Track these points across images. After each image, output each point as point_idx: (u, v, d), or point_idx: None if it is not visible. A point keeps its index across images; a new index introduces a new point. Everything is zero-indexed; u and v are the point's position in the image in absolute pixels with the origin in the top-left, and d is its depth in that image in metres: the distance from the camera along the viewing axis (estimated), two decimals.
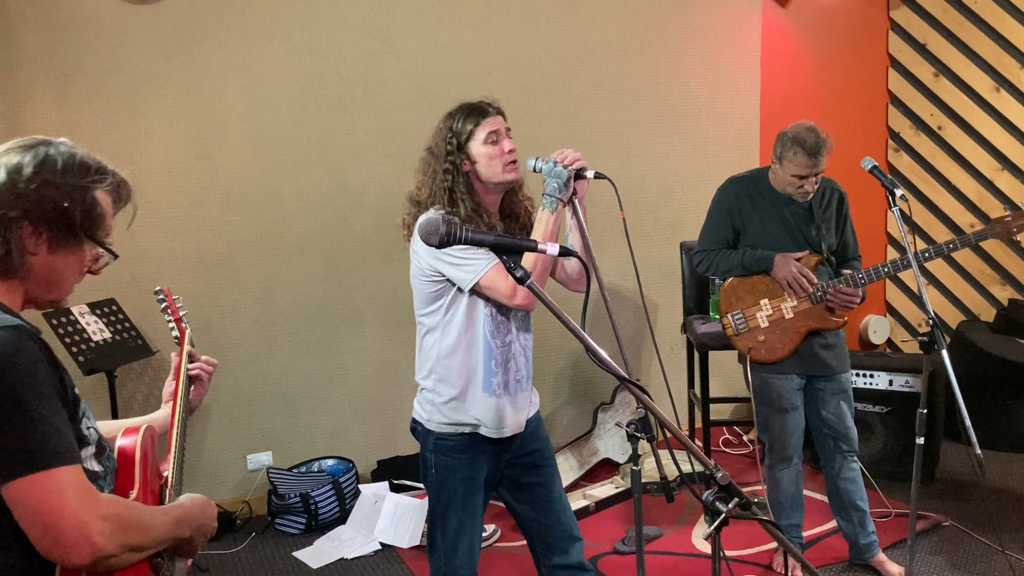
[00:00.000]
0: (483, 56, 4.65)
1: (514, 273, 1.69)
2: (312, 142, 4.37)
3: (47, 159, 1.47)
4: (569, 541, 2.59)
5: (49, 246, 1.47)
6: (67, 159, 1.49)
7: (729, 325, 3.46)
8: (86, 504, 1.33)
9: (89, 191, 1.50)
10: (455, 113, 2.45)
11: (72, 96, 3.92)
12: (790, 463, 3.50)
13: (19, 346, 1.34)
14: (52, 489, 1.31)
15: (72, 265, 1.53)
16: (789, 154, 3.25)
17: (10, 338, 1.34)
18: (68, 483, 1.33)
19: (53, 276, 1.50)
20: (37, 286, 1.50)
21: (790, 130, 3.29)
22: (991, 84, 5.39)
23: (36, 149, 1.48)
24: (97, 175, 1.52)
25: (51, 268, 1.49)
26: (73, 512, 1.31)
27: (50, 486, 1.31)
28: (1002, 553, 3.55)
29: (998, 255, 5.53)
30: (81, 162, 1.50)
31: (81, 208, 1.48)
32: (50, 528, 1.31)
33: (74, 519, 1.31)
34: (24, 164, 1.45)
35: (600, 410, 4.90)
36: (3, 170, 1.44)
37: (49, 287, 1.51)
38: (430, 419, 2.48)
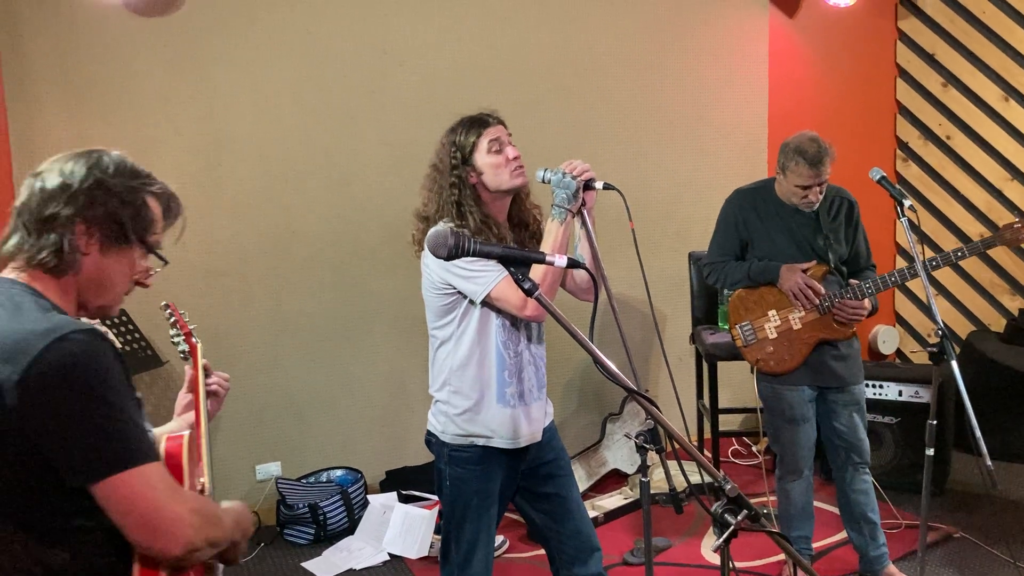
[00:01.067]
0: (490, 68, 4.67)
1: (522, 285, 1.70)
2: (319, 153, 4.39)
3: (99, 161, 1.53)
4: (589, 551, 2.59)
5: (100, 246, 1.52)
6: (118, 162, 1.55)
7: (738, 336, 3.46)
8: (176, 498, 1.39)
9: (140, 193, 1.56)
10: (456, 127, 2.48)
11: (82, 109, 3.94)
12: (800, 475, 3.48)
13: (99, 348, 1.39)
14: (146, 484, 1.37)
15: (122, 269, 1.56)
16: (791, 164, 3.25)
17: (90, 340, 1.38)
18: (158, 478, 1.39)
19: (103, 278, 1.54)
20: (88, 289, 1.53)
21: (792, 141, 3.30)
22: (1000, 94, 5.38)
23: (89, 154, 1.54)
24: (148, 180, 1.58)
25: (102, 270, 1.53)
26: (167, 505, 1.37)
27: (144, 481, 1.37)
28: (1014, 565, 3.53)
29: (1008, 265, 5.51)
30: (132, 166, 1.57)
31: (131, 209, 1.54)
32: (148, 521, 1.36)
33: (169, 512, 1.37)
34: (77, 167, 1.51)
35: (609, 421, 4.89)
36: (58, 175, 1.50)
37: (99, 291, 1.55)
38: (444, 431, 2.48)
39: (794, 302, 3.37)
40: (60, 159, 1.53)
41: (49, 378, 1.33)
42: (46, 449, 1.35)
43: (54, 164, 1.53)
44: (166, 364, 3.99)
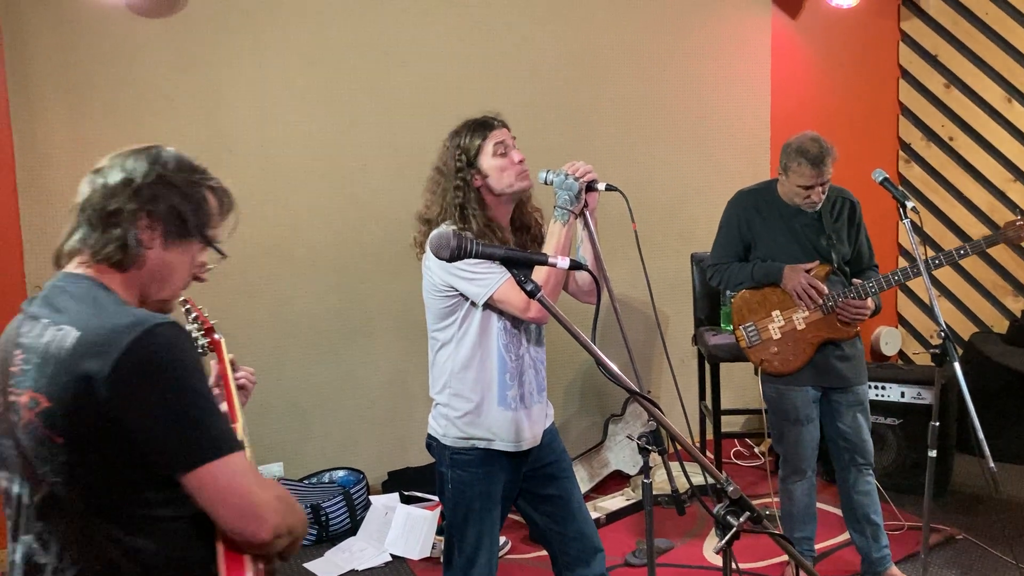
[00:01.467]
0: (492, 70, 4.67)
1: (525, 287, 1.70)
2: (322, 155, 4.39)
3: (159, 157, 1.57)
4: (591, 552, 2.59)
5: (163, 240, 1.54)
6: (178, 158, 1.59)
7: (742, 337, 3.46)
8: (262, 484, 1.44)
9: (200, 187, 1.59)
10: (461, 130, 2.48)
11: (85, 108, 3.95)
12: (804, 476, 3.48)
13: (182, 339, 1.43)
14: (237, 472, 1.41)
15: (184, 264, 1.60)
16: (793, 165, 3.26)
17: (174, 332, 1.42)
18: (246, 466, 1.43)
19: (165, 272, 1.57)
20: (150, 283, 1.56)
21: (794, 141, 3.30)
22: (1002, 95, 5.38)
23: (148, 151, 1.58)
24: (205, 175, 1.62)
25: (164, 264, 1.56)
26: (256, 492, 1.41)
27: (235, 469, 1.40)
28: (1016, 567, 3.53)
29: (1010, 266, 5.50)
30: (190, 162, 1.61)
31: (192, 204, 1.57)
32: (240, 508, 1.40)
33: (258, 498, 1.41)
34: (139, 163, 1.54)
35: (611, 422, 4.89)
36: (120, 171, 1.54)
37: (161, 284, 1.57)
38: (445, 434, 2.48)
39: (798, 302, 3.38)
40: (120, 156, 1.56)
41: (139, 370, 1.37)
42: (138, 440, 1.38)
43: (115, 160, 1.56)
44: None
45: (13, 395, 1.43)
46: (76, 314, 1.43)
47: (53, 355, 1.39)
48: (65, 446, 1.38)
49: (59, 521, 1.42)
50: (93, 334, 1.39)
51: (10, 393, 1.44)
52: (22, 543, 1.46)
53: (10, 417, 1.43)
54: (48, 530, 1.44)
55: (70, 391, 1.36)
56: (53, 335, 1.42)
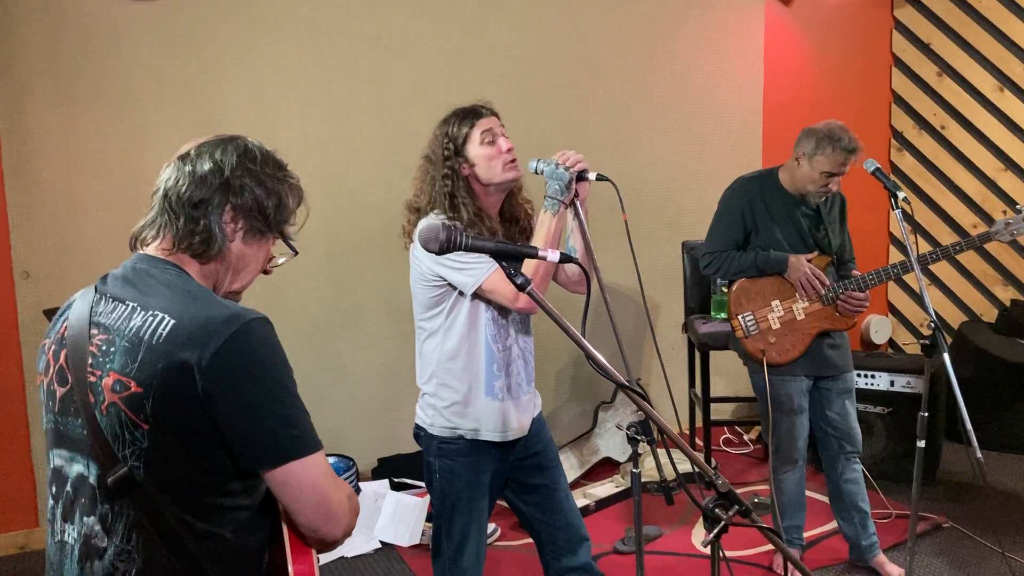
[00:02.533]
0: (484, 57, 4.64)
1: (514, 280, 1.69)
2: (314, 142, 4.36)
3: (248, 151, 1.56)
4: (578, 541, 2.60)
5: (244, 234, 1.55)
6: (264, 152, 1.59)
7: (739, 327, 3.44)
8: (338, 485, 1.47)
9: (283, 184, 1.59)
10: (449, 119, 2.46)
11: (72, 94, 3.91)
12: (796, 466, 3.49)
13: (274, 335, 1.45)
14: (319, 471, 1.44)
15: (259, 257, 1.61)
16: (827, 150, 3.22)
17: (266, 328, 1.44)
18: (326, 466, 1.46)
19: (241, 265, 1.58)
20: (225, 274, 1.57)
21: (821, 128, 3.28)
22: (995, 84, 5.38)
23: (236, 142, 1.57)
24: (287, 171, 1.62)
25: (242, 257, 1.57)
26: (333, 492, 1.45)
27: (317, 468, 1.43)
28: (1002, 555, 3.55)
29: (1001, 256, 5.52)
30: (275, 157, 1.61)
31: (275, 199, 1.57)
32: (320, 507, 1.43)
33: (336, 499, 1.45)
34: (228, 154, 1.54)
35: (601, 409, 4.90)
36: (209, 160, 1.53)
37: (235, 276, 1.59)
38: (432, 424, 2.48)
39: (801, 292, 3.38)
40: (208, 144, 1.56)
41: (237, 364, 1.38)
42: (228, 433, 1.39)
43: (203, 149, 1.55)
44: None
45: (92, 376, 1.43)
46: (170, 301, 1.43)
47: (146, 341, 1.39)
48: (151, 432, 1.38)
49: (130, 505, 1.42)
50: (190, 324, 1.39)
51: (89, 373, 1.43)
52: (81, 524, 1.46)
53: (86, 397, 1.42)
54: (116, 512, 1.43)
55: (164, 379, 1.37)
56: (145, 320, 1.42)
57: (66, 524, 1.48)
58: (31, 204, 3.87)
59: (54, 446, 1.51)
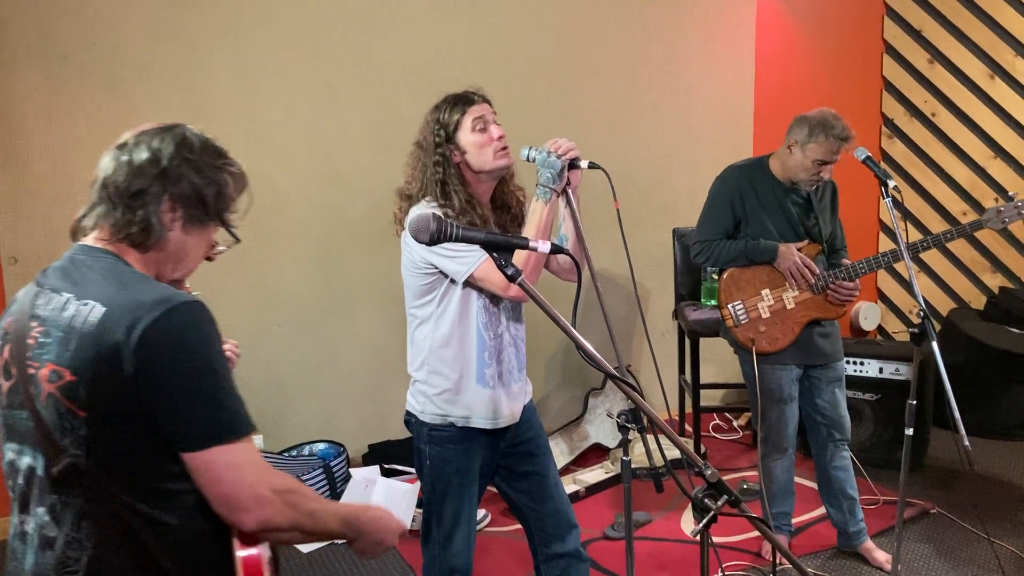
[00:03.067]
0: (475, 42, 4.62)
1: (505, 271, 1.68)
2: (303, 128, 4.34)
3: (186, 140, 1.55)
4: (567, 528, 2.61)
5: (184, 223, 1.55)
6: (203, 141, 1.58)
7: (729, 316, 3.45)
8: (261, 476, 1.43)
9: (222, 172, 1.59)
10: (441, 105, 2.44)
11: (60, 79, 3.88)
12: (785, 454, 3.51)
13: (206, 318, 1.44)
14: (237, 460, 1.42)
15: (200, 245, 1.61)
16: (820, 138, 3.22)
17: (199, 310, 1.44)
18: (249, 455, 1.44)
19: (182, 253, 1.58)
20: (167, 263, 1.57)
21: (813, 116, 3.27)
22: (985, 71, 5.38)
23: (174, 131, 1.56)
24: (227, 159, 1.61)
25: (182, 246, 1.57)
26: (251, 483, 1.42)
27: (235, 457, 1.42)
28: (988, 541, 3.58)
29: (989, 243, 5.54)
30: (214, 145, 1.60)
31: (215, 189, 1.57)
32: (230, 495, 1.41)
33: (251, 490, 1.41)
34: (165, 144, 1.53)
35: (591, 395, 4.91)
36: (146, 150, 1.52)
37: (176, 265, 1.59)
38: (423, 411, 2.48)
39: (791, 281, 3.38)
40: (146, 134, 1.55)
41: (163, 346, 1.38)
42: (158, 415, 1.39)
43: (140, 138, 1.54)
44: None
45: (32, 367, 1.44)
46: (101, 289, 1.44)
47: (78, 330, 1.40)
48: (87, 419, 1.39)
49: (77, 493, 1.43)
50: (119, 309, 1.40)
51: (28, 366, 1.44)
52: (35, 515, 1.47)
53: (28, 389, 1.44)
54: (62, 502, 1.44)
55: (95, 365, 1.38)
56: (78, 310, 1.42)
57: (24, 515, 1.50)
58: (18, 190, 3.84)
59: (5, 440, 1.52)
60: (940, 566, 3.56)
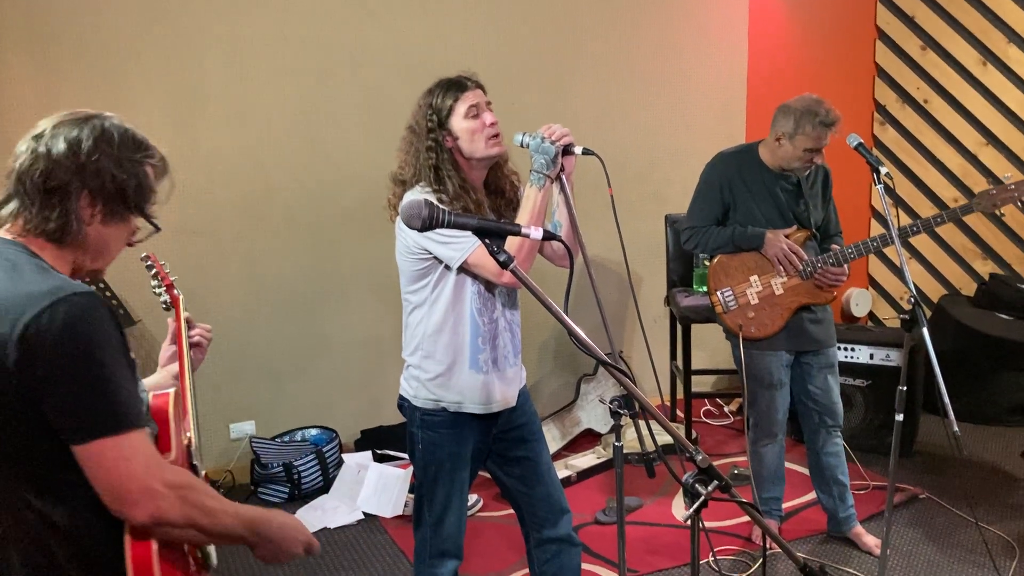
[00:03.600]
0: (468, 27, 4.60)
1: (497, 257, 1.68)
2: (295, 112, 4.32)
3: (104, 132, 1.51)
4: (559, 513, 2.62)
5: (103, 217, 1.52)
6: (122, 133, 1.54)
7: (718, 303, 3.46)
8: (151, 470, 1.40)
9: (142, 165, 1.56)
10: (434, 89, 2.43)
11: (50, 63, 3.85)
12: (775, 439, 3.53)
13: (97, 311, 1.40)
14: (124, 454, 1.38)
15: (120, 237, 1.58)
16: (807, 128, 3.22)
17: (89, 303, 1.39)
18: (138, 448, 1.40)
19: (102, 246, 1.55)
20: (85, 255, 1.54)
21: (797, 104, 3.27)
22: (978, 58, 5.39)
23: (92, 122, 1.51)
24: (147, 150, 1.58)
25: (102, 239, 1.54)
26: (139, 477, 1.38)
27: (123, 450, 1.38)
28: (976, 525, 3.61)
29: (980, 230, 5.56)
30: (133, 136, 1.56)
31: (135, 182, 1.54)
32: (118, 488, 1.38)
33: (141, 483, 1.38)
34: (83, 137, 1.49)
35: (583, 381, 4.92)
36: (63, 142, 1.48)
37: (96, 257, 1.56)
38: (416, 395, 2.48)
39: (778, 267, 3.39)
40: (63, 124, 1.51)
41: (48, 338, 1.35)
42: (44, 408, 1.37)
43: (58, 130, 1.50)
44: (138, 323, 3.96)
45: None
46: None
47: None
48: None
49: None
50: (8, 299, 1.38)
51: None
52: None
53: None
54: None
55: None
56: None
57: None
58: None
59: None
60: (929, 550, 3.59)
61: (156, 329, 4.13)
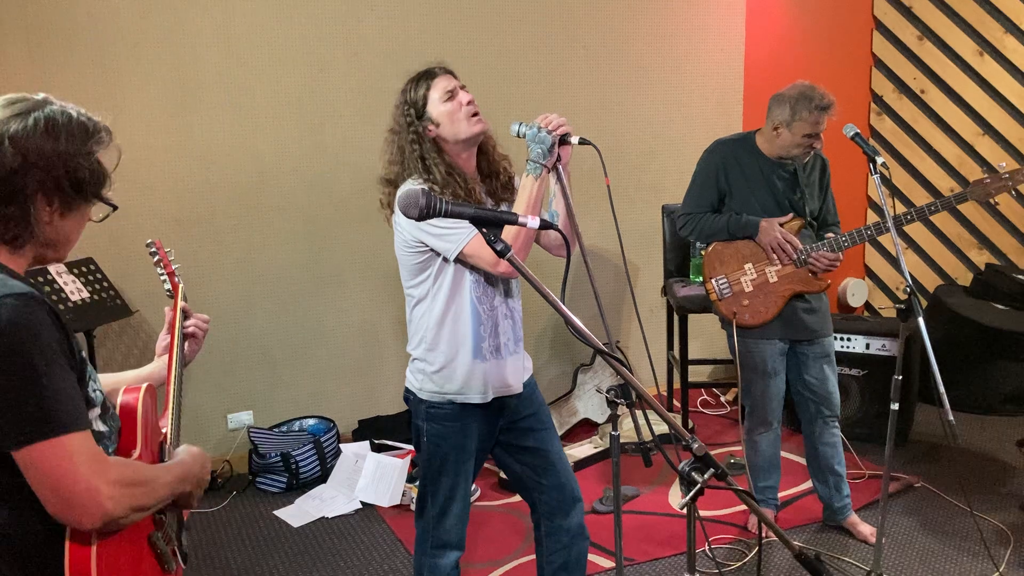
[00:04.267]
0: (462, 16, 4.58)
1: (494, 247, 1.68)
2: (290, 101, 4.32)
3: (51, 126, 1.46)
4: (571, 502, 2.63)
5: (61, 213, 1.49)
6: (67, 123, 1.48)
7: (713, 290, 3.47)
8: (96, 470, 1.37)
9: (94, 153, 1.52)
10: (406, 86, 2.46)
11: (45, 52, 3.84)
12: (770, 428, 3.55)
13: (29, 313, 1.36)
14: (63, 456, 1.35)
15: (79, 224, 1.56)
16: (803, 114, 3.22)
17: (20, 305, 1.36)
18: (78, 450, 1.37)
19: (61, 238, 1.53)
20: (46, 249, 1.52)
21: (792, 92, 3.27)
22: (974, 48, 5.39)
23: (33, 116, 1.45)
24: (95, 133, 1.52)
25: (62, 232, 1.52)
26: (85, 478, 1.35)
27: (61, 453, 1.35)
28: (971, 514, 3.63)
29: (976, 219, 5.57)
30: (79, 124, 1.50)
31: (87, 171, 1.50)
32: (62, 493, 1.35)
33: (85, 485, 1.35)
34: (29, 137, 1.43)
35: (580, 371, 4.94)
36: (10, 145, 1.42)
37: (57, 248, 1.54)
38: (422, 388, 2.49)
39: (771, 256, 3.40)
40: (3, 118, 1.44)
41: None
42: None
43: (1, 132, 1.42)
44: (136, 314, 3.96)
45: None
46: None
47: None
48: None
49: None
50: None
51: None
52: None
53: None
54: None
55: None
56: None
57: None
58: None
59: None
60: (924, 539, 3.61)
61: (154, 319, 4.14)
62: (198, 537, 3.79)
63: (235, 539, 3.79)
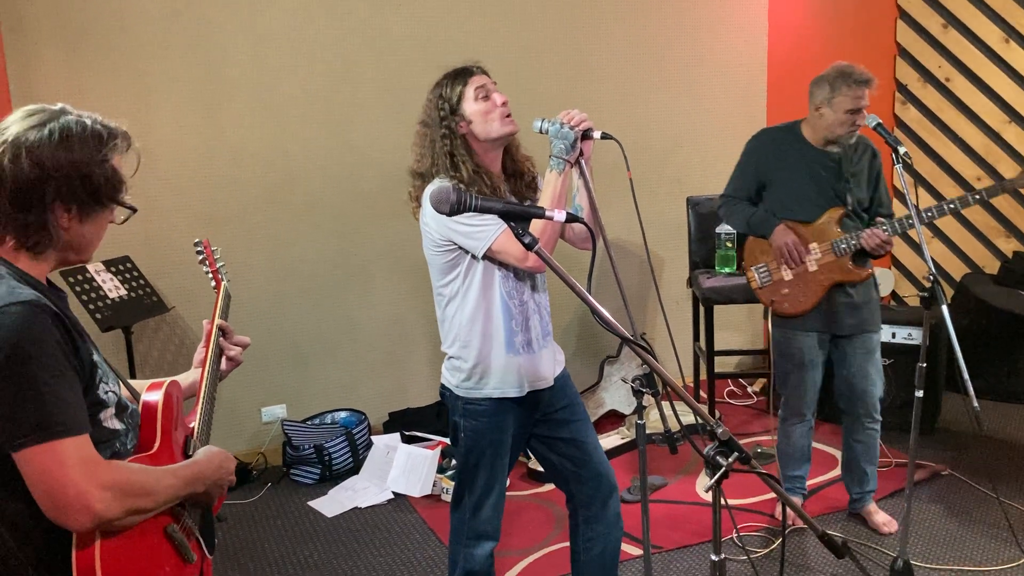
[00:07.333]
0: (487, 13, 4.63)
1: (522, 240, 1.74)
2: (318, 100, 4.39)
3: (64, 136, 1.49)
4: (608, 492, 2.66)
5: (80, 219, 1.53)
6: (81, 132, 1.52)
7: (753, 278, 3.51)
8: (87, 474, 1.40)
9: (108, 160, 1.55)
10: (441, 81, 2.50)
11: (79, 57, 3.94)
12: (803, 418, 3.55)
13: (30, 321, 1.40)
14: (55, 460, 1.39)
15: (100, 228, 1.59)
16: (843, 89, 3.26)
17: (21, 313, 1.40)
18: (71, 454, 1.40)
19: (83, 242, 1.57)
20: (68, 252, 1.57)
21: (831, 71, 3.33)
22: (1000, 35, 5.35)
23: (48, 128, 1.49)
24: (110, 140, 1.55)
25: (81, 236, 1.56)
26: (74, 483, 1.39)
27: (54, 457, 1.39)
28: (998, 501, 3.64)
29: (1003, 208, 5.54)
30: (94, 131, 1.54)
31: (104, 178, 1.53)
32: (53, 496, 1.39)
33: (76, 489, 1.39)
34: (44, 148, 1.47)
35: (606, 363, 4.98)
36: (26, 157, 1.46)
37: (79, 251, 1.58)
38: (458, 385, 2.54)
39: (778, 259, 3.42)
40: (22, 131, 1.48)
41: None
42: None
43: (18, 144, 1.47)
44: (172, 310, 4.05)
45: None
46: None
47: None
48: None
49: None
50: None
51: None
52: None
53: None
54: None
55: None
56: None
57: None
58: None
59: None
60: (951, 526, 3.62)
61: (189, 315, 4.23)
62: (235, 528, 3.88)
63: (271, 529, 3.88)
